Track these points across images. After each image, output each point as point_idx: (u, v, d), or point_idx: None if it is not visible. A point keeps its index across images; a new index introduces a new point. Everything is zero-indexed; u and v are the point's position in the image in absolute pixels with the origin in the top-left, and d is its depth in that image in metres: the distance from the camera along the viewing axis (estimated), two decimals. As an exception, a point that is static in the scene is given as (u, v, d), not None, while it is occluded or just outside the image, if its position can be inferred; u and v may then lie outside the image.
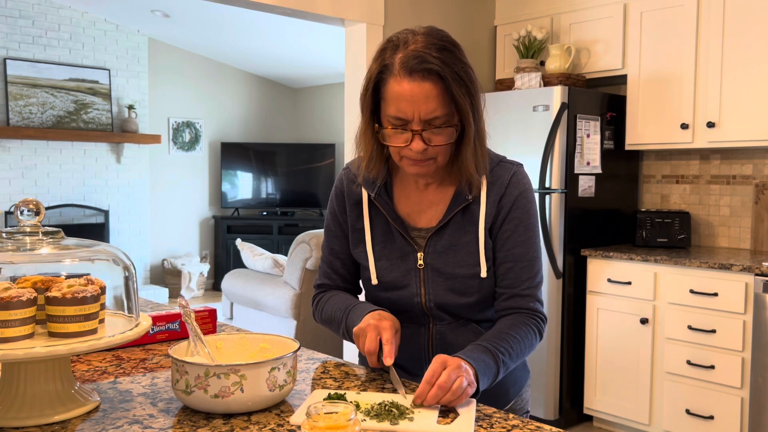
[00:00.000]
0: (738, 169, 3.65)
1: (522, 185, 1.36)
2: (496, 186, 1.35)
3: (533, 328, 1.33)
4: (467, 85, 1.23)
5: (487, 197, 1.34)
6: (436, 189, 1.38)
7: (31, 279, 1.08)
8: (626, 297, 3.40)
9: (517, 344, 1.28)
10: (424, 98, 1.20)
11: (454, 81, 1.21)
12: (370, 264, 1.39)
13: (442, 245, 1.35)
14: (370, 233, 1.40)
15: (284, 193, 7.84)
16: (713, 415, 3.10)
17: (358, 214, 1.42)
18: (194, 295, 7.19)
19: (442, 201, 1.37)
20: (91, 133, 6.33)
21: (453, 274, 1.34)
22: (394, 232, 1.38)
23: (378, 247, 1.39)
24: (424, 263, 1.35)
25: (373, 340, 1.24)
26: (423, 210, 1.38)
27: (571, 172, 3.56)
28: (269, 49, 6.88)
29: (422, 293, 1.36)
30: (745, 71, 3.26)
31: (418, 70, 1.20)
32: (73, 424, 1.03)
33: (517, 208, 1.34)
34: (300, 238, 4.18)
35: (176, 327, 1.55)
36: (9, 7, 5.97)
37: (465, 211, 1.35)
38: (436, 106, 1.21)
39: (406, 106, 1.21)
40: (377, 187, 1.38)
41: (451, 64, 1.21)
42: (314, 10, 3.37)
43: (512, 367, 1.29)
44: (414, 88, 1.20)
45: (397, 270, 1.37)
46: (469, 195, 1.34)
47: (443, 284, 1.34)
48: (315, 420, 0.86)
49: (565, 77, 3.67)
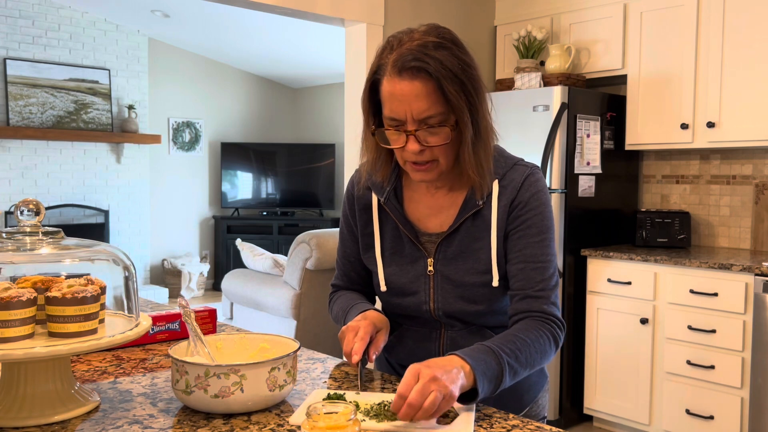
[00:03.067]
0: (738, 169, 3.65)
1: (535, 187, 1.30)
2: (509, 189, 1.29)
3: (546, 333, 1.23)
4: (463, 82, 1.18)
5: (499, 201, 1.28)
6: (446, 194, 1.33)
7: (31, 279, 1.08)
8: (626, 297, 3.40)
9: (527, 348, 1.19)
10: (415, 97, 1.17)
11: (447, 79, 1.16)
12: (379, 270, 1.36)
13: (453, 252, 1.30)
14: (379, 238, 1.36)
15: (284, 193, 7.83)
16: (713, 415, 3.10)
17: (368, 219, 1.38)
18: (194, 295, 7.19)
19: (453, 206, 1.32)
20: (91, 133, 6.34)
21: (463, 282, 1.29)
22: (403, 238, 1.34)
23: (388, 252, 1.36)
24: (434, 269, 1.31)
25: (350, 342, 1.23)
26: (433, 215, 1.34)
27: (571, 172, 3.56)
28: (269, 49, 6.88)
29: (431, 300, 1.32)
30: (745, 71, 3.26)
31: (408, 68, 1.16)
32: (73, 424, 1.03)
33: (530, 209, 1.28)
34: (300, 238, 4.18)
35: (176, 327, 1.55)
36: (9, 7, 5.97)
37: (476, 216, 1.29)
38: (428, 105, 1.17)
39: (398, 106, 1.18)
40: (387, 192, 1.35)
41: (444, 62, 1.16)
42: (314, 10, 3.37)
43: (523, 374, 1.19)
44: (404, 87, 1.17)
45: (406, 276, 1.33)
46: (480, 200, 1.28)
47: (453, 291, 1.30)
48: (315, 420, 0.86)
49: (565, 77, 3.67)
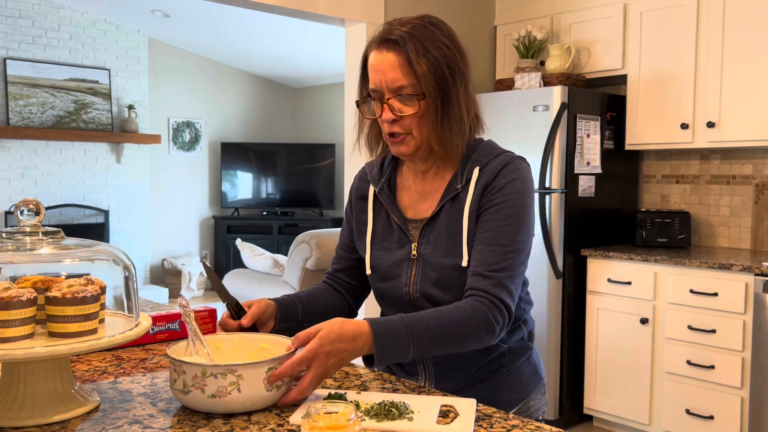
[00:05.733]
0: (738, 169, 3.65)
1: (513, 175, 1.32)
2: (486, 174, 1.33)
3: (479, 314, 1.22)
4: (436, 59, 1.26)
5: (476, 185, 1.33)
6: (433, 179, 1.40)
7: (31, 279, 1.08)
8: (626, 297, 3.40)
9: (444, 319, 1.20)
10: (389, 67, 1.27)
11: (415, 52, 1.25)
12: (366, 254, 1.44)
13: (434, 235, 1.36)
14: (371, 226, 1.44)
15: (284, 193, 7.83)
16: (713, 415, 3.10)
17: (363, 208, 1.47)
18: (194, 295, 7.19)
19: (438, 191, 1.39)
20: (91, 133, 6.33)
21: (439, 264, 1.34)
22: (393, 225, 1.41)
23: (378, 239, 1.43)
24: (417, 254, 1.37)
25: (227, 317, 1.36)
26: (422, 201, 1.41)
27: (571, 172, 3.56)
28: (269, 49, 6.88)
29: (411, 283, 1.37)
30: (745, 71, 3.26)
31: (384, 40, 1.28)
32: (73, 424, 1.03)
33: (502, 194, 1.30)
34: (300, 238, 4.18)
35: (176, 327, 1.55)
36: (9, 7, 5.97)
37: (454, 200, 1.35)
38: (399, 75, 1.26)
39: (375, 76, 1.30)
40: (381, 183, 1.43)
41: (418, 37, 1.26)
42: (314, 10, 3.37)
43: (436, 350, 1.20)
44: (380, 58, 1.28)
45: (391, 260, 1.40)
46: (459, 184, 1.35)
47: (430, 274, 1.35)
48: (315, 420, 0.86)
49: (565, 77, 3.67)
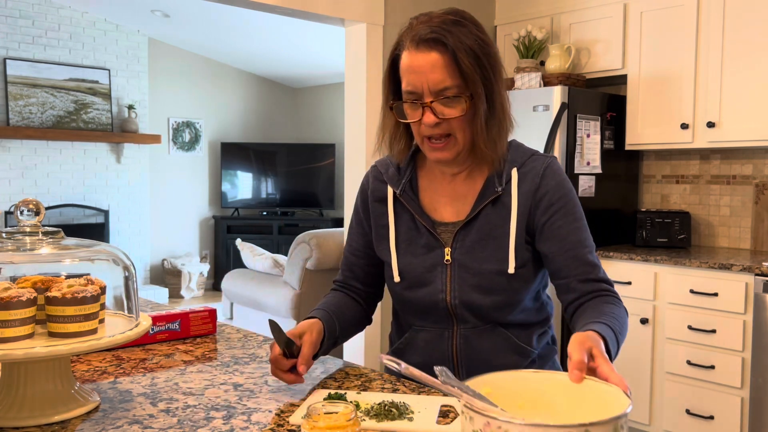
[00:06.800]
0: (738, 169, 3.65)
1: (559, 176, 1.31)
2: (529, 177, 1.29)
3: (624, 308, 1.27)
4: (479, 57, 1.20)
5: (519, 188, 1.29)
6: (464, 181, 1.33)
7: (31, 279, 1.08)
8: (626, 297, 3.40)
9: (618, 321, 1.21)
10: (431, 68, 1.19)
11: (462, 51, 1.19)
12: (393, 260, 1.34)
13: (471, 240, 1.29)
14: (394, 229, 1.35)
15: (284, 193, 7.83)
16: (713, 415, 3.10)
17: (383, 211, 1.38)
18: (194, 295, 7.19)
19: (470, 193, 1.32)
20: (91, 133, 6.33)
21: (480, 270, 1.28)
22: (420, 228, 1.33)
23: (403, 243, 1.35)
24: (451, 259, 1.30)
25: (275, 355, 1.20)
26: (450, 203, 1.34)
27: (571, 172, 3.55)
28: (269, 49, 6.88)
29: (447, 290, 1.30)
30: (745, 71, 3.26)
31: (425, 40, 1.20)
32: (73, 424, 1.03)
33: (560, 197, 1.30)
34: (300, 238, 4.18)
35: (176, 327, 1.54)
36: (9, 7, 5.97)
37: (495, 203, 1.29)
38: (444, 76, 1.19)
39: (415, 78, 1.21)
40: (402, 184, 1.35)
41: (460, 35, 1.20)
42: (314, 10, 3.37)
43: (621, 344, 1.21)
44: (420, 58, 1.20)
45: (422, 266, 1.32)
46: (499, 186, 1.28)
47: (469, 280, 1.29)
48: (315, 420, 0.86)
49: (565, 77, 3.67)
